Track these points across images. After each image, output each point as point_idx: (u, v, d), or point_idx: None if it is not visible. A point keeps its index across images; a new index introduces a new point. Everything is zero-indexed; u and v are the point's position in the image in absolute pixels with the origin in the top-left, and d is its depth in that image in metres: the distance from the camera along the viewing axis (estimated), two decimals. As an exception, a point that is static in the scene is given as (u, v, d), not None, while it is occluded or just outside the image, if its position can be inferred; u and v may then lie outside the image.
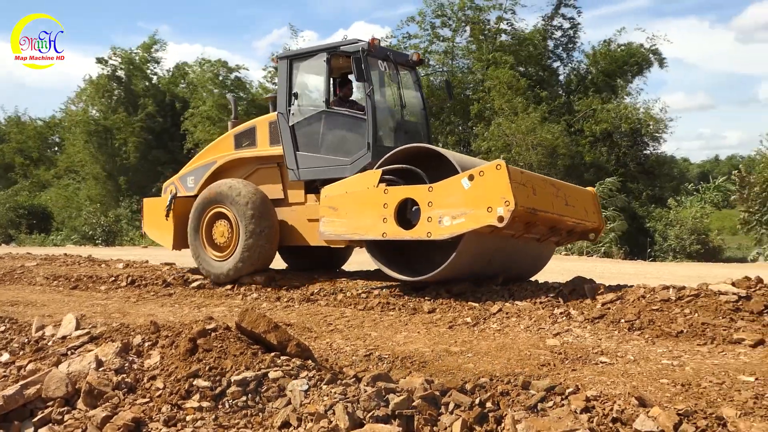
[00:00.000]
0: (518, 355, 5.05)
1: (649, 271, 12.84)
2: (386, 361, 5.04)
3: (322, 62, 8.59)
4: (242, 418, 3.87)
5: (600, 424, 3.41)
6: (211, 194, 9.28)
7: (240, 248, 8.89)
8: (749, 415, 3.49)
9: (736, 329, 5.61)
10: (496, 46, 29.16)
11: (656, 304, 6.31)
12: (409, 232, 7.25)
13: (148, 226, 10.99)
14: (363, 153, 8.31)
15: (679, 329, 5.74)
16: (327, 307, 7.56)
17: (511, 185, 6.51)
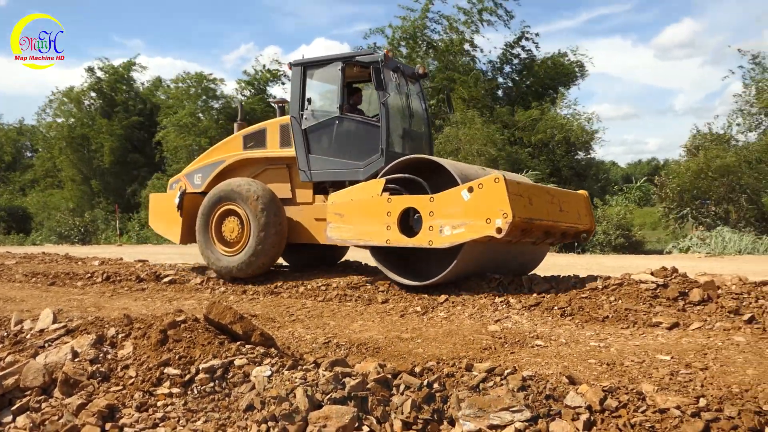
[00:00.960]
0: (463, 340, 5.09)
1: (579, 263, 13.05)
2: (343, 347, 5.03)
3: (337, 71, 8.37)
4: (210, 403, 3.82)
5: (535, 401, 3.45)
6: (221, 192, 8.95)
7: (251, 243, 8.60)
8: (665, 389, 3.57)
9: (654, 314, 5.75)
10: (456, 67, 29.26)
11: (585, 293, 6.44)
12: (411, 240, 7.13)
13: (154, 221, 10.58)
14: (376, 158, 8.09)
15: (605, 314, 5.86)
16: (290, 299, 7.51)
17: (508, 197, 6.41)
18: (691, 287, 6.26)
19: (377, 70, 8.02)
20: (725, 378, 3.82)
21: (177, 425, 3.64)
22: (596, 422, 3.26)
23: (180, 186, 9.90)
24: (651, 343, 4.89)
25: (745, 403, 3.27)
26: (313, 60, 8.92)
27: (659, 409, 3.24)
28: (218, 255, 8.95)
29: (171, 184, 10.40)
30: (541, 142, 24.61)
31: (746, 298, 5.96)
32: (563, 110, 26.88)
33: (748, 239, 17.11)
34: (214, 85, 36.34)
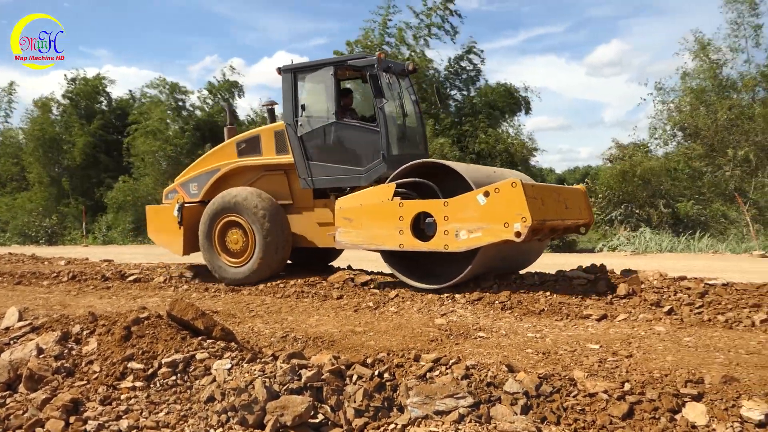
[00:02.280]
0: (412, 333, 5.09)
1: None
2: (300, 341, 4.98)
3: (329, 75, 7.88)
4: (172, 395, 3.75)
5: (477, 388, 3.48)
6: (222, 203, 8.39)
7: (257, 255, 8.10)
8: (594, 375, 3.64)
9: (585, 307, 5.87)
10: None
11: (524, 288, 6.53)
12: (426, 244, 6.70)
13: (153, 232, 9.75)
14: (377, 163, 7.61)
15: (542, 308, 5.95)
16: (249, 296, 7.40)
17: (526, 201, 6.11)
18: (618, 282, 6.43)
19: (374, 77, 7.60)
20: (647, 364, 3.93)
21: (140, 417, 3.55)
22: (532, 406, 3.31)
23: (177, 198, 9.24)
24: (582, 334, 4.98)
25: (664, 387, 3.36)
26: (303, 65, 8.44)
27: (589, 394, 3.32)
28: (223, 266, 8.44)
29: (166, 194, 9.70)
30: (485, 151, 24.91)
31: (666, 292, 6.14)
32: (508, 128, 27.32)
33: (666, 239, 17.65)
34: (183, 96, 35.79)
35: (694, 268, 9.68)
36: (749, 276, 8.07)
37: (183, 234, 8.89)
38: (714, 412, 3.07)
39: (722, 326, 5.15)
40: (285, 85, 8.30)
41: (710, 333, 4.91)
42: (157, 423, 3.46)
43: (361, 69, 7.82)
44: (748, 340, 4.60)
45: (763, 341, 4.56)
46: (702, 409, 3.08)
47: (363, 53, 8.18)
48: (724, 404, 3.11)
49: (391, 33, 30.02)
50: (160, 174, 35.22)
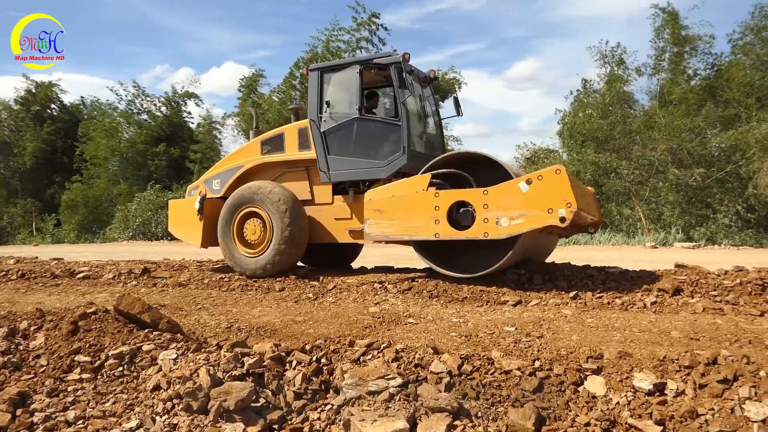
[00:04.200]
0: (348, 321, 5.07)
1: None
2: (244, 331, 4.87)
3: (355, 74, 7.54)
4: (119, 386, 3.60)
5: (406, 369, 3.50)
6: (243, 194, 7.94)
7: (274, 245, 7.62)
8: (509, 355, 3.73)
9: (503, 294, 6.00)
10: None
11: (449, 280, 6.61)
12: (464, 233, 6.21)
13: (174, 226, 9.23)
14: (398, 156, 7.23)
15: (465, 295, 6.04)
16: (196, 290, 7.18)
17: (571, 188, 5.80)
18: (534, 272, 6.60)
19: (399, 69, 7.28)
20: (556, 343, 4.04)
21: (87, 407, 3.39)
22: (455, 384, 3.35)
23: (200, 191, 8.76)
24: (500, 318, 5.08)
25: (569, 363, 3.47)
26: (330, 65, 8.19)
27: (504, 371, 3.39)
28: (240, 256, 7.95)
29: (189, 191, 9.20)
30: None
31: (573, 279, 6.37)
32: None
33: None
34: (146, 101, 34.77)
35: (596, 258, 10.05)
36: (642, 264, 8.48)
37: (202, 227, 8.44)
38: (611, 383, 3.20)
39: (619, 308, 5.37)
40: (311, 84, 7.96)
41: (609, 314, 5.11)
42: (103, 412, 3.32)
43: (386, 65, 7.50)
44: (641, 320, 4.81)
45: (653, 320, 4.77)
46: (601, 381, 3.20)
47: (387, 53, 7.76)
48: (620, 376, 3.25)
49: (331, 51, 30.34)
50: (112, 175, 33.97)
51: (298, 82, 31.49)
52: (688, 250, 15.90)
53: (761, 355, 3.46)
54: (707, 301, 5.28)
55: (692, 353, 3.38)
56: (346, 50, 30.41)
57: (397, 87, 7.34)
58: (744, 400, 2.87)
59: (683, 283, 5.83)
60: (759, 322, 4.66)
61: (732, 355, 3.30)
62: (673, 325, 4.54)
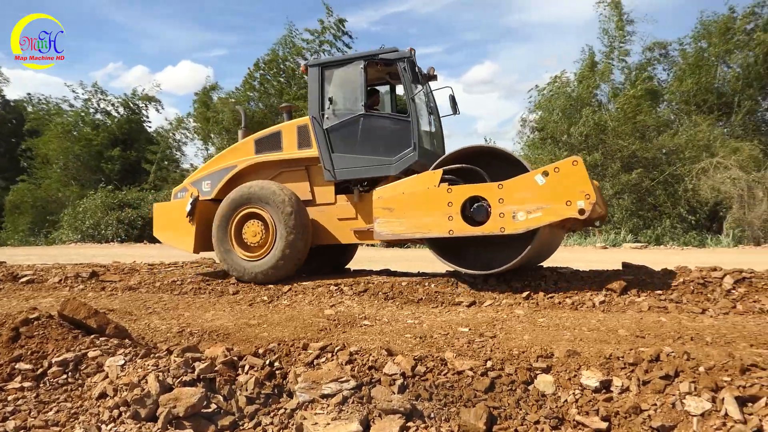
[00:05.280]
0: (303, 324, 5.02)
1: (402, 256, 13.51)
2: (196, 335, 4.77)
3: (359, 69, 7.23)
4: (62, 394, 3.48)
5: (360, 372, 3.50)
6: (243, 195, 7.48)
7: (278, 248, 7.21)
8: (463, 355, 3.76)
9: (457, 295, 6.06)
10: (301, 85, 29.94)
11: (404, 281, 6.64)
12: (479, 228, 6.00)
13: (160, 230, 8.53)
14: (409, 152, 6.93)
15: (420, 297, 6.08)
16: (147, 294, 7.00)
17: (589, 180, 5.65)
18: (487, 274, 6.66)
19: (412, 64, 7.06)
20: (508, 343, 4.10)
21: (28, 417, 3.26)
22: (408, 385, 3.37)
23: (191, 193, 8.21)
24: (454, 319, 5.13)
25: (520, 362, 3.54)
26: (331, 60, 7.75)
27: (457, 371, 3.43)
28: (239, 260, 7.48)
29: (176, 193, 8.58)
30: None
31: (527, 279, 6.48)
32: None
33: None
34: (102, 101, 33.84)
35: (549, 258, 10.22)
36: (592, 265, 8.70)
37: (195, 230, 7.87)
38: (560, 382, 3.27)
39: (570, 308, 5.50)
40: (311, 80, 7.59)
41: (560, 314, 5.23)
42: (46, 422, 3.20)
43: (394, 61, 7.24)
44: (590, 319, 4.93)
45: (601, 319, 4.91)
46: (550, 379, 3.27)
47: (392, 48, 7.42)
48: (568, 375, 3.32)
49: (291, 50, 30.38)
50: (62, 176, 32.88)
51: (257, 83, 31.25)
52: (636, 250, 16.43)
53: (701, 351, 3.60)
54: (652, 299, 5.46)
55: (637, 351, 3.49)
56: (308, 50, 30.50)
57: (408, 82, 7.09)
58: (684, 395, 2.98)
59: (630, 282, 6.01)
60: (700, 319, 4.85)
61: (674, 352, 3.42)
62: (620, 323, 4.68)
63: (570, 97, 23.63)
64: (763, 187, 18.82)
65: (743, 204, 18.70)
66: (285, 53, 30.57)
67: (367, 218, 7.19)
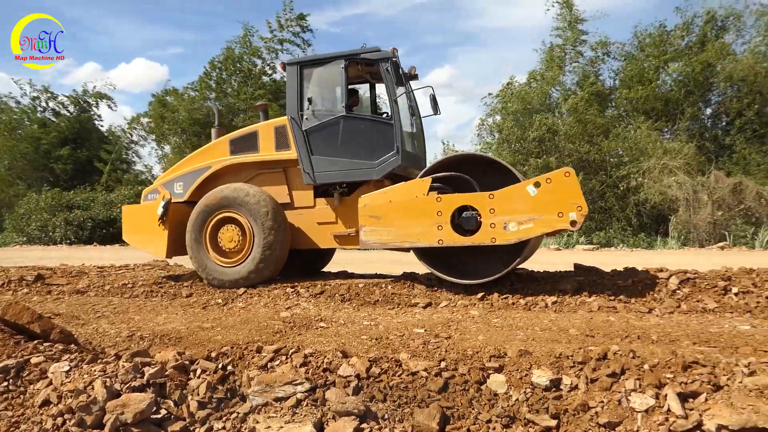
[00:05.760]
0: (258, 326, 4.96)
1: (360, 258, 13.47)
2: (147, 339, 4.66)
3: (340, 69, 6.96)
4: (3, 402, 3.33)
5: (314, 374, 3.48)
6: (218, 198, 7.18)
7: (256, 253, 6.96)
8: (417, 356, 3.78)
9: (414, 296, 6.10)
10: (258, 86, 29.73)
11: (361, 283, 6.64)
12: (470, 239, 5.93)
13: (130, 234, 8.09)
14: (391, 156, 6.74)
15: (377, 299, 6.09)
16: (96, 297, 6.79)
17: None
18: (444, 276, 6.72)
19: (395, 66, 6.87)
20: (463, 344, 4.14)
21: (-36, 428, 3.11)
22: (363, 387, 3.37)
23: (163, 195, 7.84)
24: (410, 320, 5.16)
25: (474, 362, 3.58)
26: (311, 58, 7.45)
27: (411, 372, 3.45)
28: (214, 266, 7.18)
29: (146, 195, 8.18)
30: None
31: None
32: None
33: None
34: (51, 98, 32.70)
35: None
36: (545, 266, 8.88)
37: (167, 234, 7.55)
38: (512, 381, 3.33)
39: (523, 308, 5.61)
40: (290, 79, 7.32)
41: (514, 314, 5.32)
42: (-16, 432, 3.06)
43: (376, 61, 7.03)
44: (543, 319, 5.04)
45: (553, 319, 5.02)
46: (502, 379, 3.33)
47: (374, 48, 7.08)
48: (520, 374, 3.39)
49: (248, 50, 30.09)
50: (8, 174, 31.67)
51: (213, 82, 30.78)
52: (588, 252, 16.88)
53: (647, 349, 3.72)
54: (602, 300, 5.62)
55: (585, 350, 3.59)
56: (266, 49, 30.28)
57: (391, 84, 6.89)
58: (630, 392, 3.08)
59: (582, 283, 6.17)
60: (647, 318, 5.02)
61: (621, 351, 3.53)
62: (571, 323, 4.80)
63: (523, 101, 24.17)
64: (707, 191, 19.61)
65: (688, 207, 19.45)
66: (241, 52, 30.23)
67: (348, 223, 7.06)
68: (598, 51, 25.73)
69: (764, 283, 5.68)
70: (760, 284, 5.66)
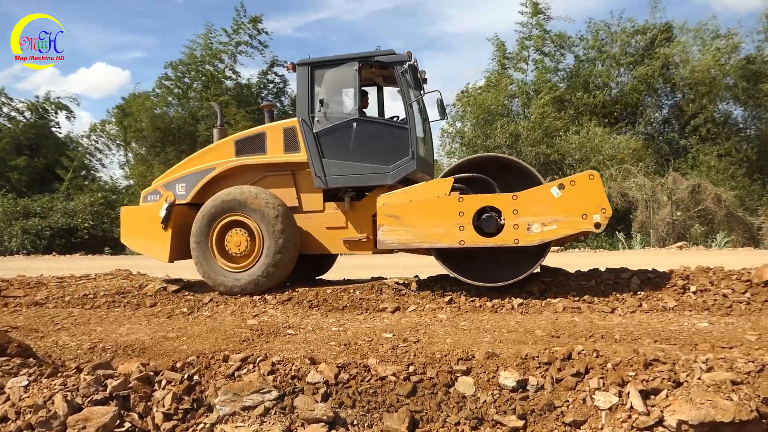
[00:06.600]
0: (224, 335, 4.89)
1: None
2: (109, 351, 4.54)
3: (353, 71, 6.80)
4: (-43, 420, 3.21)
5: (282, 382, 3.45)
6: (226, 201, 6.94)
7: (265, 260, 6.74)
8: (386, 361, 3.79)
9: (382, 301, 6.11)
10: (222, 90, 29.49)
11: (329, 289, 6.61)
12: (493, 240, 5.87)
13: (130, 237, 7.79)
14: (406, 161, 6.60)
15: (345, 304, 6.08)
16: (55, 309, 6.59)
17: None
18: (411, 280, 6.77)
19: (414, 69, 6.69)
20: (431, 347, 4.17)
21: None
22: (332, 393, 3.36)
23: (165, 197, 7.51)
24: (379, 325, 5.16)
25: (442, 365, 3.61)
26: (322, 60, 7.19)
27: (380, 377, 3.45)
28: (220, 271, 6.93)
29: (145, 196, 7.86)
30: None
31: (448, 284, 6.62)
32: None
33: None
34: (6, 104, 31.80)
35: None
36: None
37: (171, 238, 7.24)
38: (479, 383, 3.37)
39: (490, 310, 5.67)
40: (300, 80, 7.10)
41: (481, 317, 5.38)
42: (-64, 452, 2.95)
43: (391, 64, 6.87)
44: (509, 321, 5.12)
45: (520, 321, 5.10)
46: (470, 381, 3.36)
47: (389, 50, 6.92)
48: (487, 376, 3.43)
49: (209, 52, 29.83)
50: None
51: (173, 85, 30.35)
52: (553, 253, 17.16)
53: (610, 348, 3.81)
54: (567, 301, 5.72)
55: (551, 350, 3.66)
56: (226, 52, 30.12)
57: (407, 88, 6.79)
58: (594, 390, 3.15)
59: (548, 285, 6.28)
60: (610, 318, 5.14)
61: (585, 350, 3.60)
62: (537, 324, 4.88)
63: (481, 107, 24.53)
64: (666, 192, 20.20)
65: (648, 208, 19.99)
66: (202, 55, 29.92)
67: (359, 228, 6.95)
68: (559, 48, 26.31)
69: (720, 281, 5.87)
70: (717, 282, 5.85)
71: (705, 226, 19.56)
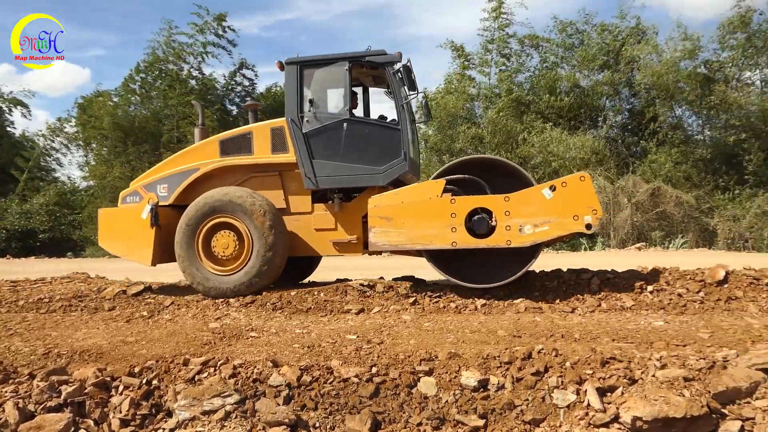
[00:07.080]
0: (185, 339, 4.80)
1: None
2: (65, 356, 4.40)
3: (343, 70, 6.71)
4: None
5: (244, 385, 3.42)
6: (214, 202, 6.75)
7: (254, 263, 6.61)
8: (349, 363, 3.79)
9: (346, 302, 6.10)
10: (187, 90, 29.05)
11: (294, 291, 6.57)
12: (484, 241, 5.89)
13: (108, 240, 7.48)
14: (398, 162, 6.59)
15: (309, 306, 6.05)
16: (8, 314, 6.35)
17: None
18: (376, 282, 6.78)
19: (408, 69, 6.68)
20: (395, 348, 4.18)
21: None
22: (294, 396, 3.35)
23: (148, 199, 7.29)
24: (343, 327, 5.15)
25: (404, 366, 3.63)
26: (312, 59, 7.06)
27: (343, 379, 3.45)
28: (206, 274, 6.75)
29: (124, 197, 7.57)
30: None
31: (413, 286, 6.66)
32: None
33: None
34: None
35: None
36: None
37: (154, 241, 7.03)
38: (441, 383, 3.40)
39: (454, 311, 5.73)
40: (289, 79, 6.99)
41: (445, 318, 5.43)
42: None
43: (382, 65, 6.81)
44: (472, 321, 5.17)
45: (483, 321, 5.15)
46: (432, 381, 3.39)
47: (380, 50, 6.86)
48: (449, 376, 3.46)
49: (172, 52, 29.33)
50: None
51: (137, 86, 29.77)
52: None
53: (569, 347, 3.89)
54: (529, 301, 5.82)
55: (512, 350, 3.71)
56: (191, 53, 29.66)
57: (401, 88, 6.78)
58: (553, 389, 3.21)
59: (510, 285, 6.36)
60: (570, 317, 5.25)
61: (544, 349, 3.67)
62: (499, 324, 4.94)
63: (444, 110, 24.75)
64: (626, 194, 20.71)
65: (609, 210, 20.45)
66: (165, 54, 29.38)
67: (349, 229, 6.90)
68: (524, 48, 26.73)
69: (676, 281, 6.05)
70: (672, 282, 6.02)
71: (663, 230, 20.12)
